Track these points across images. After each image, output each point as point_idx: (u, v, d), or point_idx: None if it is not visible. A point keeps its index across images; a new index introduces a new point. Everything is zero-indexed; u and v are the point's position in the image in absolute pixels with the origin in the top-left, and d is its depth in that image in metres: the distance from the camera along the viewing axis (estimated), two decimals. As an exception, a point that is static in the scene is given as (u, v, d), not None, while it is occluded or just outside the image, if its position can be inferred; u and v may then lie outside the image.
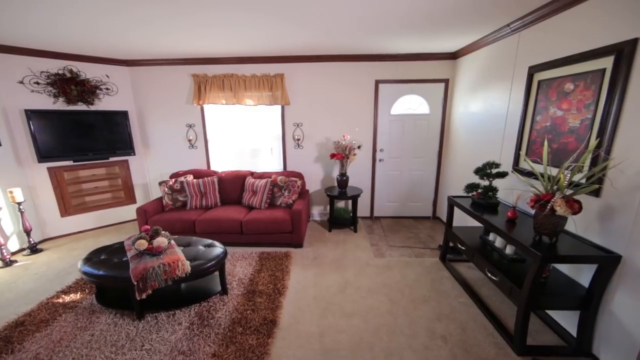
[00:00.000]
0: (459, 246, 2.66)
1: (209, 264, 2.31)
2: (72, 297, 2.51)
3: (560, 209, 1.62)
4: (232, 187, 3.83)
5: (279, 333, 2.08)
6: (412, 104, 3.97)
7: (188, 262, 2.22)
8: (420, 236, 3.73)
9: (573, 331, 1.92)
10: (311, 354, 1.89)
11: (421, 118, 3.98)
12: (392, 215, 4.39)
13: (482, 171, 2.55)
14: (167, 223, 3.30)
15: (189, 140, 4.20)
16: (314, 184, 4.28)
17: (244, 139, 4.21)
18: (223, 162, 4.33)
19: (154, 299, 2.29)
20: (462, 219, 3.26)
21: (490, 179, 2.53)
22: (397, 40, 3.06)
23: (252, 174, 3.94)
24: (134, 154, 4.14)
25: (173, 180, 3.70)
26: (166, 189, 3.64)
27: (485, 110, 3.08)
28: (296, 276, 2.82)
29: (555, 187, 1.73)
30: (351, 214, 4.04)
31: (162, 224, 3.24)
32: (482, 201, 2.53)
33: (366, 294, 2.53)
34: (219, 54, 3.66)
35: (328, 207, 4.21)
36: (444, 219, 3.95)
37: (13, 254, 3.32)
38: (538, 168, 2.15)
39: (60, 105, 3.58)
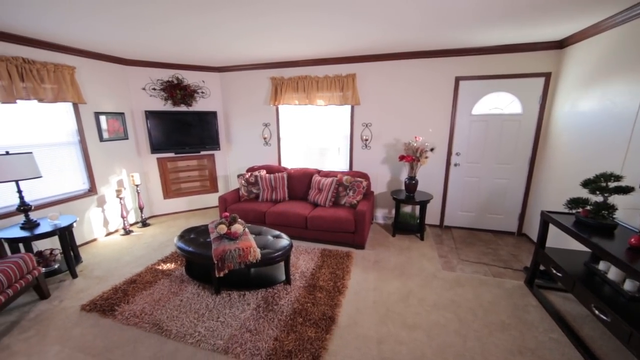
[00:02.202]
0: (554, 272, 2.23)
1: (276, 254, 2.47)
2: (169, 266, 3.01)
3: None
4: (300, 183, 4.02)
5: (337, 331, 2.09)
6: (499, 102, 3.50)
7: (259, 250, 2.42)
8: (500, 253, 3.27)
9: None
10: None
11: (510, 119, 3.47)
12: (466, 226, 3.96)
13: (593, 184, 2.07)
14: (242, 212, 3.67)
15: (264, 138, 4.57)
16: (379, 186, 4.16)
17: (313, 137, 4.37)
18: (293, 159, 4.58)
19: (228, 278, 2.58)
20: (560, 240, 2.73)
21: (606, 195, 2.04)
22: (484, 30, 2.73)
23: (318, 172, 4.06)
24: (219, 149, 4.73)
25: (249, 174, 4.09)
26: (243, 182, 4.04)
27: (603, 109, 2.49)
28: (356, 277, 2.79)
29: None
30: (418, 221, 3.79)
31: (238, 213, 3.61)
32: (592, 221, 2.06)
33: (431, 308, 2.34)
34: (294, 57, 3.87)
35: (393, 211, 4.06)
36: (534, 236, 3.40)
37: (131, 225, 4.18)
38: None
39: (168, 106, 4.32)
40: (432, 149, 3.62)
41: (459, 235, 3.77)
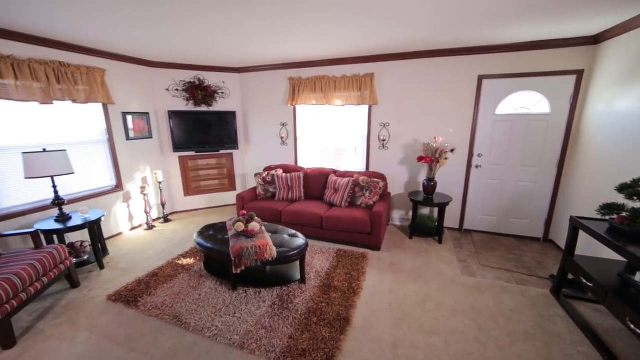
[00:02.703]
0: (584, 281, 2.10)
1: (292, 253, 2.49)
2: (188, 261, 3.11)
3: None
4: (316, 183, 4.03)
5: (351, 332, 2.08)
6: (526, 102, 3.34)
7: (275, 248, 2.45)
8: (524, 260, 3.12)
9: None
10: (383, 363, 1.83)
11: (538, 119, 3.31)
12: (487, 230, 3.81)
13: (631, 189, 1.94)
14: (259, 210, 3.72)
15: (281, 138, 4.62)
16: (397, 187, 4.10)
17: (329, 137, 4.37)
18: (309, 159, 4.60)
19: (245, 275, 2.62)
20: (590, 248, 2.57)
21: (645, 201, 1.90)
22: (511, 26, 2.61)
23: (335, 172, 4.06)
24: (237, 148, 4.83)
25: (266, 173, 4.14)
26: (260, 180, 4.10)
27: (643, 108, 2.32)
28: (372, 279, 2.76)
29: None
30: (436, 223, 3.70)
31: (255, 211, 3.67)
32: (628, 228, 1.92)
33: (449, 314, 2.27)
34: (312, 57, 3.88)
35: (410, 213, 3.98)
36: (561, 243, 3.23)
37: (154, 220, 4.35)
38: None
39: (190, 106, 4.46)
40: (452, 150, 3.51)
41: (480, 240, 3.64)
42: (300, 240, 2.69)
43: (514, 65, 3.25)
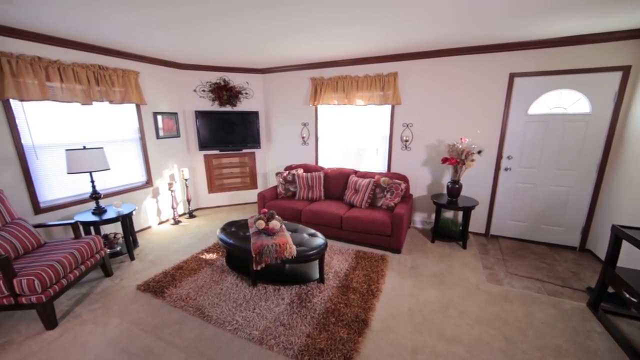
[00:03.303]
0: (627, 296, 1.93)
1: (311, 252, 2.50)
2: (211, 256, 3.21)
3: None
4: (336, 183, 4.02)
5: (370, 334, 2.05)
6: (562, 101, 3.13)
7: (294, 247, 2.47)
8: (557, 270, 2.93)
9: None
10: (402, 368, 1.79)
11: (576, 119, 3.09)
12: (516, 236, 3.61)
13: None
14: (279, 209, 3.78)
15: (302, 138, 4.66)
16: (419, 189, 3.99)
17: (350, 137, 4.34)
18: (330, 158, 4.59)
19: (264, 272, 2.67)
20: (635, 260, 2.36)
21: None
22: (546, 20, 2.45)
23: (355, 172, 4.02)
24: (260, 147, 4.92)
25: (287, 172, 4.19)
26: (281, 179, 4.16)
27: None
28: (391, 282, 2.71)
29: None
30: (460, 228, 3.56)
31: (275, 209, 3.72)
32: (681, 240, 1.74)
33: (473, 322, 2.18)
34: (334, 57, 3.87)
35: (433, 216, 3.86)
36: (601, 254, 3.00)
37: (180, 216, 4.55)
38: None
39: (215, 107, 4.61)
40: (479, 152, 3.36)
41: (508, 246, 3.46)
42: (319, 239, 2.69)
43: (550, 62, 3.05)
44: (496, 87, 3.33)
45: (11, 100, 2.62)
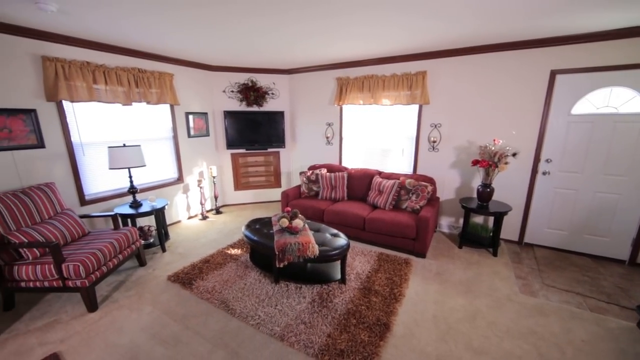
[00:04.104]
0: (687, 318, 1.72)
1: (334, 252, 2.49)
2: (236, 251, 3.32)
3: None
4: (360, 184, 3.98)
5: (391, 339, 2.01)
6: (612, 99, 2.86)
7: (317, 246, 2.48)
8: (601, 284, 2.68)
9: None
10: (425, 377, 1.73)
11: (629, 120, 2.80)
12: (554, 246, 3.36)
13: None
14: (302, 208, 3.81)
15: (327, 137, 4.66)
16: (446, 192, 3.84)
17: (375, 138, 4.27)
18: (354, 159, 4.56)
19: (287, 270, 2.71)
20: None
21: None
22: (592, 11, 2.24)
23: (379, 173, 3.96)
24: (284, 147, 5.00)
25: (310, 171, 4.22)
26: (304, 179, 4.19)
27: None
28: (415, 287, 2.63)
29: None
30: (491, 234, 3.37)
31: (298, 208, 3.76)
32: None
33: (503, 335, 2.06)
34: (360, 57, 3.83)
35: (461, 220, 3.70)
36: (655, 269, 2.70)
37: (207, 211, 4.74)
38: None
39: (243, 107, 4.75)
40: (514, 154, 3.16)
41: (544, 256, 3.22)
42: (342, 240, 2.68)
43: (598, 57, 2.79)
44: (535, 85, 3.11)
45: (63, 102, 2.87)
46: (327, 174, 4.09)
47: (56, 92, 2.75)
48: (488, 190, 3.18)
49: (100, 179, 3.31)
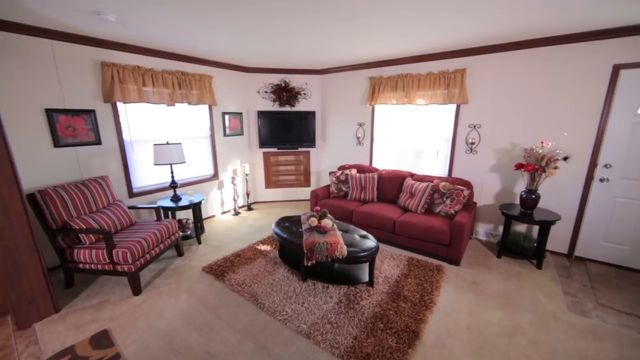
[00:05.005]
0: None
1: (362, 254, 2.46)
2: (265, 247, 3.41)
3: None
4: (390, 185, 3.88)
5: (421, 348, 1.93)
6: (691, 97, 2.48)
7: (345, 247, 2.46)
8: (671, 309, 2.34)
9: None
10: (457, 391, 1.64)
11: None
12: (612, 262, 3.00)
13: None
14: (331, 208, 3.81)
15: (357, 138, 4.62)
16: (484, 197, 3.60)
17: (408, 139, 4.14)
18: (384, 160, 4.46)
19: (314, 269, 2.73)
20: None
21: None
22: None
23: (412, 175, 3.83)
24: (314, 147, 5.04)
25: (340, 171, 4.20)
26: (334, 179, 4.19)
27: None
28: (447, 295, 2.51)
29: None
30: (535, 244, 3.10)
31: (327, 208, 3.76)
32: None
33: (548, 355, 1.88)
34: (395, 55, 3.73)
35: (501, 228, 3.46)
36: None
37: (239, 207, 4.94)
38: None
39: (275, 107, 4.87)
40: (565, 158, 2.88)
41: (599, 272, 2.89)
42: (371, 242, 2.63)
43: (675, 49, 2.44)
44: (592, 81, 2.80)
45: (117, 103, 3.17)
46: (357, 174, 4.05)
47: (112, 94, 3.04)
48: (533, 196, 2.93)
49: (146, 173, 3.60)
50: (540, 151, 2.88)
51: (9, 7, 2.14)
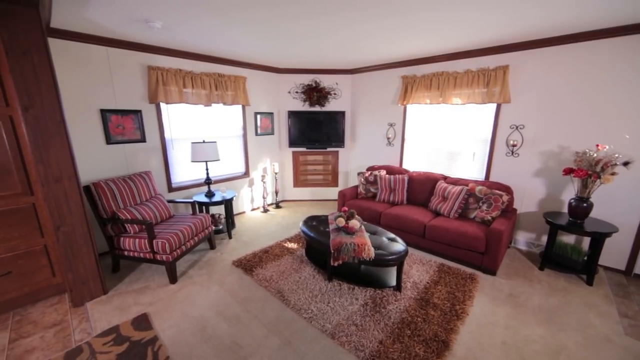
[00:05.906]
0: None
1: (390, 257, 2.40)
2: (293, 245, 3.47)
3: None
4: (421, 188, 3.75)
5: (450, 359, 1.84)
6: None
7: (373, 249, 2.42)
8: None
9: None
10: (491, 409, 1.54)
11: None
12: (681, 282, 2.63)
13: None
14: (359, 209, 3.77)
15: (388, 138, 4.52)
16: (526, 203, 3.34)
17: (442, 140, 3.96)
18: (415, 161, 4.32)
19: (340, 269, 2.72)
20: None
21: None
22: None
23: (445, 178, 3.66)
24: (343, 147, 5.02)
25: (369, 172, 4.14)
26: (362, 180, 4.14)
27: None
28: (481, 306, 2.36)
29: None
30: (585, 258, 2.81)
31: (354, 209, 3.71)
32: None
33: (599, 382, 1.69)
34: (430, 53, 3.59)
35: (545, 238, 3.19)
36: None
37: (268, 205, 5.07)
38: None
39: (306, 107, 4.93)
40: (626, 163, 2.57)
41: (664, 294, 2.55)
42: (399, 245, 2.56)
43: None
44: (663, 77, 2.47)
45: (160, 103, 3.41)
46: (387, 175, 3.96)
47: (156, 95, 3.27)
48: (584, 205, 2.66)
49: (183, 170, 3.83)
50: (595, 155, 2.60)
51: (73, 18, 2.39)
